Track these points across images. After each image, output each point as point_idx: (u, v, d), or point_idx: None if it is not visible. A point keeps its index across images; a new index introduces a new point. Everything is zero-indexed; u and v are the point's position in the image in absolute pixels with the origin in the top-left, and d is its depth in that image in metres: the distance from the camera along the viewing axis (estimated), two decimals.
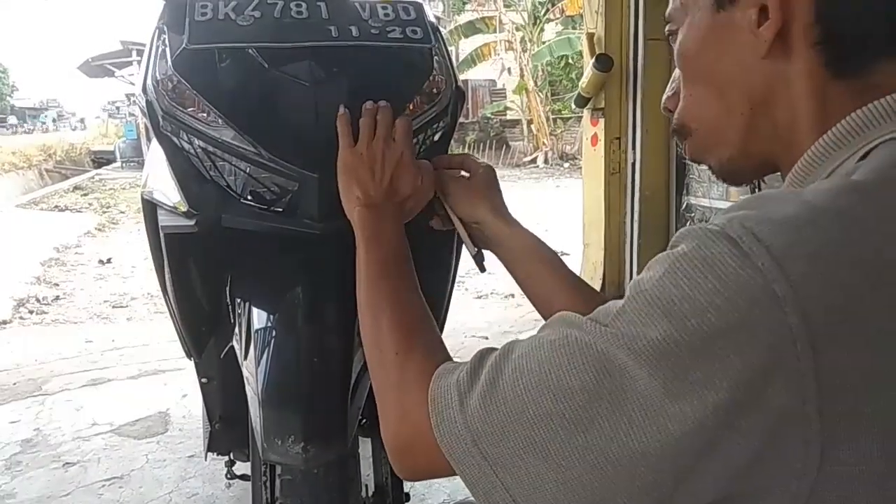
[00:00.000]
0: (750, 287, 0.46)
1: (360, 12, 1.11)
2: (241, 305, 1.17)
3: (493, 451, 0.55)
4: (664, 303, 0.48)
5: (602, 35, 3.81)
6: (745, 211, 0.50)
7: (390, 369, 0.71)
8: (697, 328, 0.47)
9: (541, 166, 15.56)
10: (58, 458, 2.60)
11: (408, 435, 0.65)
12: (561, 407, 0.51)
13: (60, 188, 13.57)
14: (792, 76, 0.57)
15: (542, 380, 0.53)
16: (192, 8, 1.05)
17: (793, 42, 0.56)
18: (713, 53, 0.62)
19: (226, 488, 2.28)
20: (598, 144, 4.01)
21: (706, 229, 0.50)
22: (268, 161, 1.02)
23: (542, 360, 0.54)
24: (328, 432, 1.06)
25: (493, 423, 0.55)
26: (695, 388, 0.47)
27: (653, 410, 0.48)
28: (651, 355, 0.48)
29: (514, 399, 0.54)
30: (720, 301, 0.46)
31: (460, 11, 18.19)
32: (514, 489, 0.54)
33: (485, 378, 0.57)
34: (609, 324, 0.51)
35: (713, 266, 0.47)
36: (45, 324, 4.87)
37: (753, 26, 0.57)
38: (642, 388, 0.48)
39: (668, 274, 0.50)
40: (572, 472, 0.51)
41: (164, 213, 1.12)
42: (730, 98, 0.62)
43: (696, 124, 0.66)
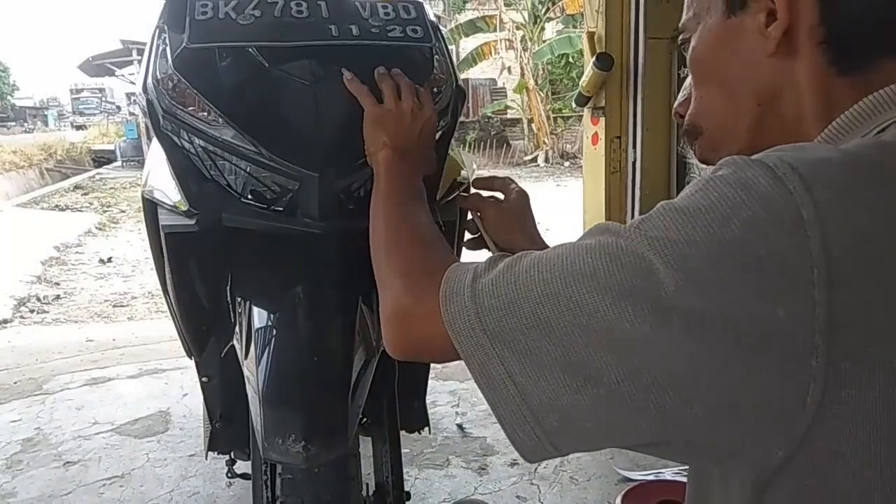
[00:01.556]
0: (777, 205, 0.47)
1: (361, 11, 1.11)
2: (241, 304, 1.18)
3: (494, 325, 0.56)
4: (690, 210, 0.50)
5: (603, 34, 3.81)
6: (783, 151, 0.52)
7: (402, 257, 0.74)
8: (718, 234, 0.48)
9: (541, 165, 15.55)
10: (58, 457, 2.60)
11: (411, 303, 0.67)
12: (570, 289, 0.52)
13: (61, 187, 13.57)
14: (798, 74, 0.60)
15: (557, 265, 0.54)
16: (192, 7, 1.05)
17: (799, 42, 0.59)
18: (724, 55, 0.65)
19: (226, 487, 2.28)
20: (598, 143, 4.00)
21: (745, 158, 0.52)
22: (268, 160, 1.02)
23: (560, 253, 0.56)
24: (329, 431, 1.06)
25: (499, 299, 0.56)
26: (707, 292, 0.47)
27: (661, 303, 0.48)
28: (669, 252, 0.49)
29: (524, 279, 0.56)
30: (746, 213, 0.48)
31: (461, 10, 18.18)
32: (509, 362, 0.55)
33: (502, 265, 0.59)
34: (635, 227, 0.53)
35: (745, 184, 0.49)
36: (46, 323, 4.87)
37: (762, 28, 0.60)
38: (655, 279, 0.49)
39: (700, 190, 0.51)
40: (571, 350, 0.52)
41: (165, 213, 1.12)
42: (739, 97, 0.64)
43: (707, 124, 0.69)
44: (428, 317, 0.62)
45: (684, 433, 0.52)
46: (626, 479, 2.28)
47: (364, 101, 0.99)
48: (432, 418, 1.60)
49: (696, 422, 0.50)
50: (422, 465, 2.45)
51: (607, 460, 2.41)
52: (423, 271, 0.69)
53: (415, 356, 0.69)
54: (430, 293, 0.62)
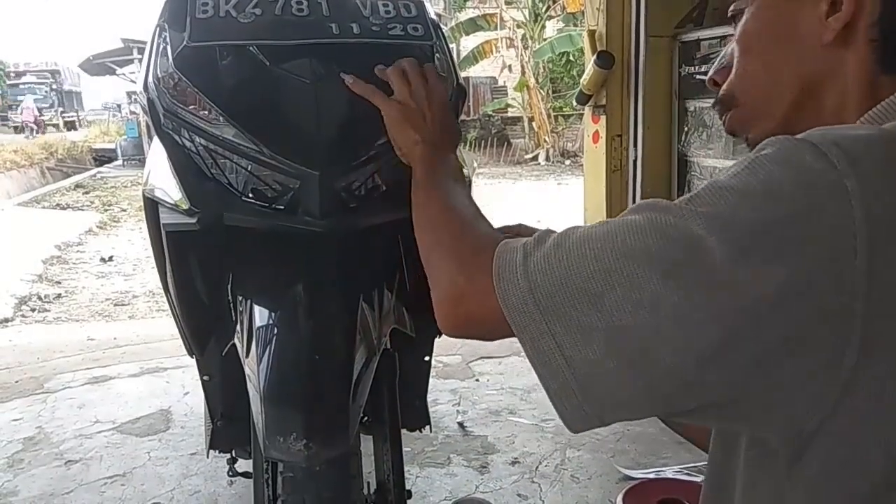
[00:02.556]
0: (823, 179, 0.50)
1: (362, 9, 1.11)
2: (242, 303, 1.18)
3: (547, 300, 0.57)
4: (740, 188, 0.52)
5: (603, 32, 3.81)
6: (825, 130, 0.54)
7: (451, 238, 0.76)
8: (768, 210, 0.50)
9: (542, 164, 15.54)
10: (60, 455, 2.60)
11: (464, 282, 0.68)
12: (620, 264, 0.54)
13: (62, 186, 13.57)
14: (846, 66, 0.62)
15: (607, 241, 0.56)
16: (193, 5, 1.05)
17: (855, 36, 0.61)
18: (777, 33, 0.66)
19: (228, 486, 2.28)
20: (599, 142, 4.00)
21: (789, 137, 0.54)
22: (269, 159, 1.02)
23: (609, 229, 0.57)
24: (330, 430, 1.06)
25: (551, 275, 0.57)
26: (756, 265, 0.50)
27: (713, 277, 0.50)
28: (720, 227, 0.51)
29: (577, 255, 0.57)
30: (792, 189, 0.50)
31: (461, 8, 18.16)
32: (561, 337, 0.56)
33: (552, 241, 0.60)
34: (685, 203, 0.54)
35: (791, 161, 0.52)
36: (47, 322, 4.88)
37: (822, 16, 0.62)
38: (705, 254, 0.51)
39: (747, 168, 0.53)
40: (622, 324, 0.53)
41: (166, 211, 1.12)
42: (784, 77, 0.66)
43: (745, 98, 0.70)
44: (482, 294, 0.63)
45: (721, 395, 0.54)
46: (627, 478, 2.28)
47: (378, 102, 0.98)
48: (433, 417, 1.60)
49: (734, 383, 0.53)
50: (423, 463, 2.45)
51: (608, 458, 2.41)
52: (473, 251, 0.69)
53: (469, 334, 0.71)
54: (482, 271, 0.63)
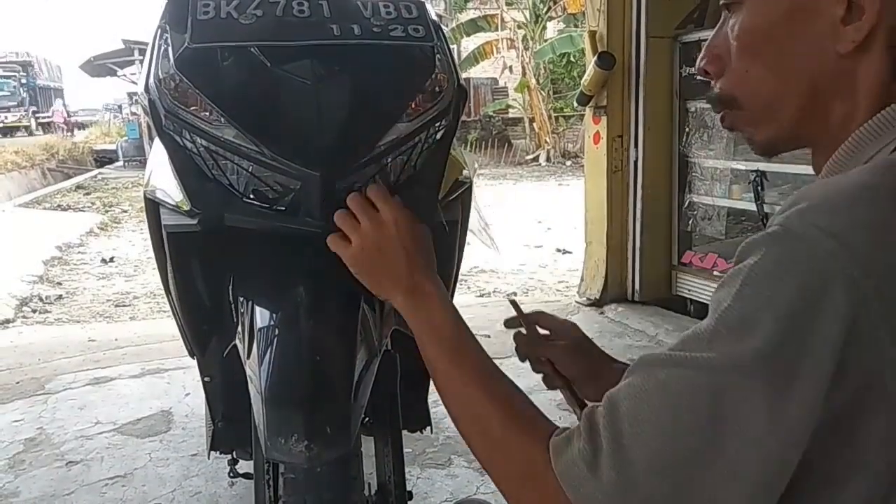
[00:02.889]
0: (824, 275, 0.50)
1: (363, 11, 1.11)
2: (243, 304, 1.18)
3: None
4: (752, 312, 0.53)
5: (604, 33, 3.81)
6: (801, 204, 0.54)
7: (505, 457, 0.73)
8: (790, 325, 0.51)
9: (543, 164, 15.53)
10: (61, 456, 2.60)
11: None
12: (687, 446, 0.54)
13: (63, 187, 13.58)
14: (861, 73, 0.59)
15: (665, 427, 0.55)
16: (194, 7, 1.05)
17: (873, 43, 0.58)
18: (786, 36, 0.62)
19: (229, 487, 2.28)
20: (600, 142, 4.01)
21: (769, 234, 0.54)
22: (270, 160, 1.02)
23: (655, 409, 0.56)
24: (331, 431, 1.06)
25: (629, 485, 0.56)
26: (802, 378, 0.51)
27: (773, 415, 0.52)
28: (757, 363, 0.52)
29: (642, 456, 0.56)
30: (802, 294, 0.51)
31: (462, 9, 18.16)
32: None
33: (606, 440, 0.58)
34: (706, 350, 0.54)
35: (786, 266, 0.52)
36: (48, 323, 4.88)
37: (836, 21, 0.58)
38: (756, 397, 0.52)
39: (747, 285, 0.53)
40: (716, 497, 0.54)
41: (167, 212, 1.12)
42: (793, 83, 0.62)
43: (750, 101, 0.66)
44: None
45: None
46: None
47: (338, 251, 0.94)
48: (434, 418, 1.60)
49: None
50: (424, 464, 2.45)
51: None
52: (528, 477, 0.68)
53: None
54: (555, 494, 0.61)
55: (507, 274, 5.63)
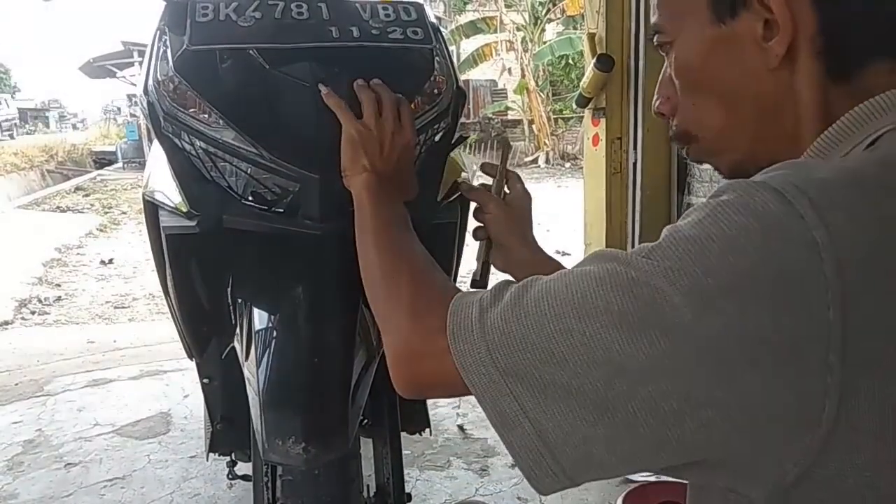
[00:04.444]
0: (790, 231, 0.48)
1: (361, 13, 1.11)
2: (242, 306, 1.18)
3: (506, 360, 0.55)
4: (703, 239, 0.50)
5: (603, 35, 3.81)
6: (785, 171, 0.52)
7: (403, 290, 0.72)
8: (734, 262, 0.48)
9: (542, 166, 15.54)
10: (59, 458, 2.60)
11: (418, 341, 0.65)
12: (583, 324, 0.52)
13: (62, 189, 13.56)
14: (797, 84, 0.60)
15: (568, 298, 0.54)
16: (193, 9, 1.05)
17: (798, 53, 0.59)
18: (717, 66, 0.63)
19: (227, 489, 2.28)
20: (599, 144, 4.00)
21: (749, 182, 0.52)
22: (269, 162, 1.02)
23: (569, 283, 0.55)
24: (329, 433, 1.06)
25: (510, 335, 0.55)
26: (724, 319, 0.48)
27: (677, 334, 0.49)
28: (685, 282, 0.49)
29: (536, 314, 0.55)
30: (759, 241, 0.48)
31: (461, 11, 18.17)
32: (523, 398, 0.54)
33: (508, 296, 0.58)
34: (644, 256, 0.52)
35: (755, 211, 0.49)
36: (47, 324, 4.87)
37: (759, 39, 0.59)
38: (670, 310, 0.49)
39: (709, 217, 0.51)
40: (586, 384, 0.52)
41: (166, 214, 1.12)
42: (737, 107, 0.63)
43: (703, 132, 0.67)
44: (438, 355, 0.60)
45: (700, 454, 0.52)
46: (627, 480, 2.27)
47: (342, 117, 0.95)
48: (433, 420, 1.60)
49: (712, 443, 0.51)
50: (423, 466, 2.45)
51: None
52: (426, 306, 0.67)
53: (425, 394, 0.69)
54: (437, 330, 0.61)
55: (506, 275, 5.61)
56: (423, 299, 0.69)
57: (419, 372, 0.65)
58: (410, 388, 0.68)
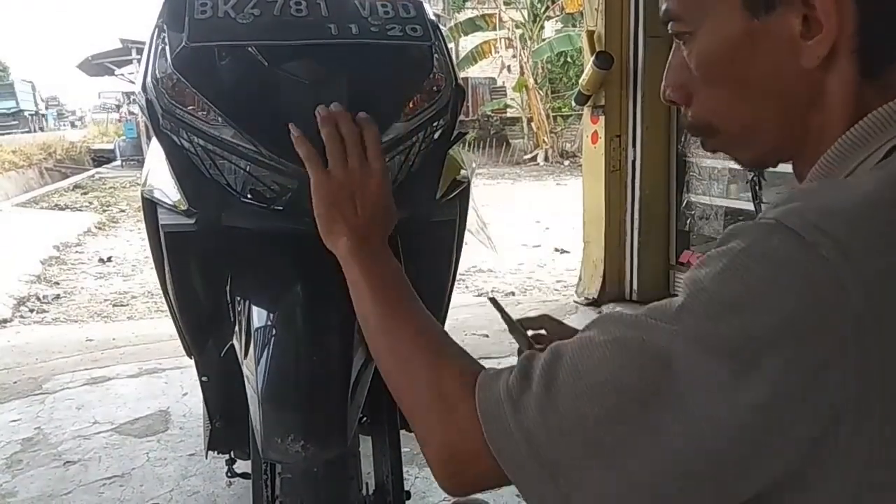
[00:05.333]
0: (817, 278, 0.47)
1: (360, 10, 1.10)
2: (240, 304, 1.17)
3: (550, 455, 0.54)
4: (730, 298, 0.49)
5: (602, 32, 3.81)
6: (799, 203, 0.51)
7: (425, 386, 0.69)
8: (768, 322, 0.48)
9: (541, 164, 15.53)
10: (58, 456, 2.60)
11: (455, 446, 0.63)
12: (624, 407, 0.51)
13: (60, 187, 13.55)
14: (829, 82, 0.58)
15: (603, 380, 0.52)
16: (191, 6, 1.04)
17: (837, 52, 0.57)
18: (746, 60, 0.61)
19: (226, 486, 2.28)
20: (598, 142, 4.00)
21: (761, 224, 0.51)
22: (267, 159, 1.02)
23: (599, 362, 0.53)
24: (328, 431, 1.06)
25: (550, 428, 0.54)
26: (765, 379, 0.47)
27: (721, 403, 0.48)
28: (722, 349, 0.48)
29: (572, 402, 0.53)
30: (789, 294, 0.48)
31: (460, 9, 18.15)
32: (572, 493, 0.53)
33: (538, 382, 0.56)
34: (671, 321, 0.51)
35: (777, 261, 0.48)
36: (46, 322, 4.87)
37: (796, 37, 0.57)
38: (711, 381, 0.48)
39: (729, 269, 0.50)
40: (637, 471, 0.51)
41: (165, 212, 1.12)
42: (765, 103, 0.62)
43: (726, 126, 0.66)
44: (478, 455, 0.59)
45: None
46: None
47: (310, 168, 0.90)
48: None
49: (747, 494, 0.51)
50: (422, 463, 2.45)
51: None
52: (452, 395, 0.64)
53: (471, 490, 0.67)
54: (472, 430, 0.59)
55: (505, 273, 5.63)
56: (447, 386, 0.66)
57: (465, 474, 0.64)
58: (457, 489, 0.66)
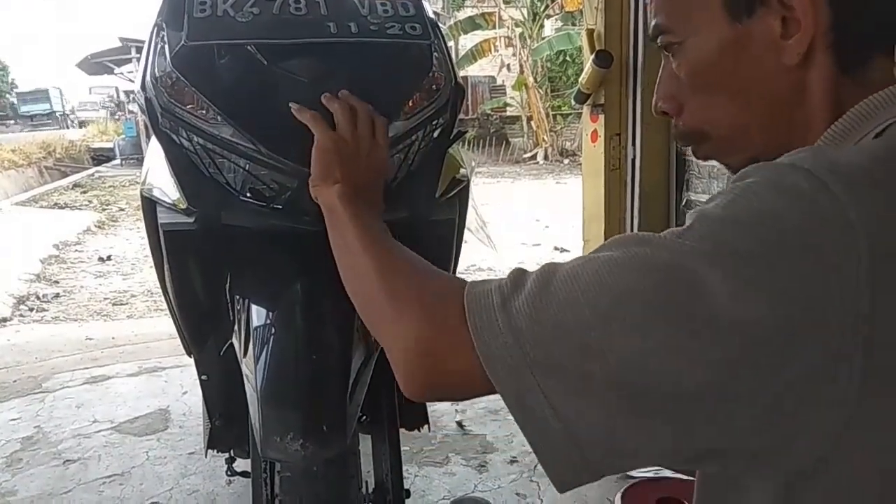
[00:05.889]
0: (825, 209, 0.48)
1: (360, 8, 1.10)
2: (240, 302, 1.18)
3: (537, 352, 0.52)
4: (738, 219, 0.50)
5: (602, 31, 3.80)
6: (808, 154, 0.52)
7: (405, 285, 0.66)
8: (772, 241, 0.48)
9: (541, 162, 15.53)
10: (58, 455, 2.60)
11: (435, 335, 0.59)
12: (620, 311, 0.50)
13: (60, 185, 13.56)
14: (810, 78, 0.61)
15: (599, 282, 0.51)
16: (190, 4, 1.04)
17: (814, 49, 0.59)
18: (733, 64, 0.63)
19: (226, 485, 2.28)
20: (597, 141, 4.00)
21: (776, 163, 0.52)
22: (267, 158, 1.02)
23: (599, 269, 0.52)
24: (327, 429, 1.06)
25: (541, 324, 0.52)
26: (763, 298, 0.47)
27: (718, 316, 0.48)
28: (724, 263, 0.48)
29: (567, 300, 0.52)
30: (797, 219, 0.48)
31: (460, 7, 18.14)
32: (553, 392, 0.51)
33: (532, 283, 0.55)
34: (677, 237, 0.51)
35: (787, 190, 0.49)
36: (46, 321, 4.87)
37: (776, 37, 0.60)
38: (708, 294, 0.48)
39: (740, 197, 0.51)
40: (623, 374, 0.50)
41: (164, 211, 1.12)
42: (752, 104, 0.64)
43: (717, 130, 0.67)
44: (457, 349, 0.56)
45: (727, 442, 0.51)
46: (626, 476, 2.28)
47: (316, 128, 0.93)
48: (432, 416, 1.60)
49: (744, 429, 0.50)
50: (421, 462, 2.45)
51: None
52: (437, 297, 0.61)
53: (440, 394, 0.63)
54: (454, 321, 0.56)
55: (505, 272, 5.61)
56: (432, 291, 0.63)
57: (438, 370, 0.59)
58: (425, 389, 0.62)
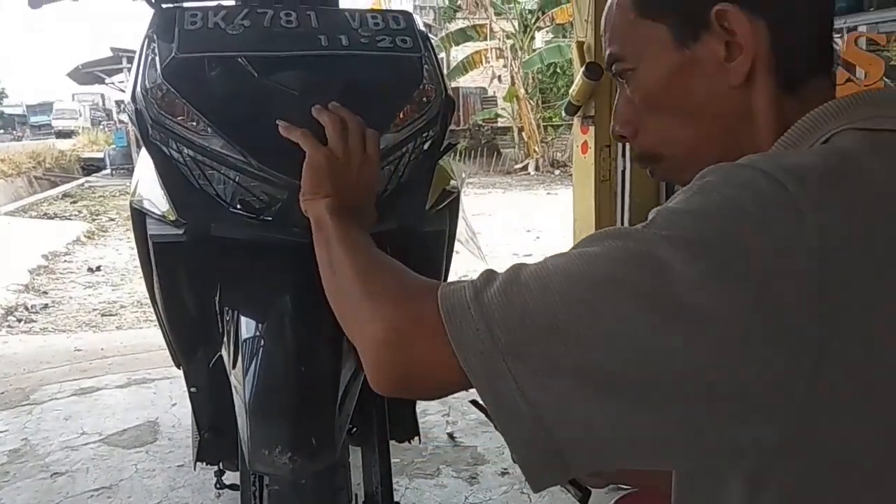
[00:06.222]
0: (778, 201, 0.51)
1: (350, 21, 1.11)
2: (229, 314, 1.17)
3: (507, 336, 0.53)
4: (699, 211, 0.53)
5: (592, 43, 3.83)
6: (761, 157, 0.56)
7: (384, 282, 0.68)
8: (731, 230, 0.51)
9: (532, 173, 15.58)
10: (46, 467, 2.57)
11: (407, 324, 0.59)
12: (588, 295, 0.52)
13: (50, 195, 13.50)
14: (754, 98, 0.65)
15: (568, 272, 0.53)
16: (181, 17, 1.05)
17: (756, 70, 0.64)
18: (683, 87, 0.67)
19: (215, 498, 2.27)
20: (588, 152, 4.02)
21: (732, 164, 0.55)
22: (257, 170, 1.02)
23: (569, 260, 0.55)
24: (316, 442, 1.06)
25: (510, 309, 0.53)
26: (725, 285, 0.49)
27: (681, 304, 0.50)
28: (686, 250, 0.51)
29: (536, 288, 0.53)
30: (752, 209, 0.51)
31: (451, 19, 18.23)
32: (522, 377, 0.52)
33: (503, 276, 0.57)
34: (638, 229, 0.54)
35: (745, 185, 0.52)
36: (34, 332, 4.83)
37: (721, 60, 0.64)
38: (674, 280, 0.50)
39: (699, 193, 0.54)
40: (591, 358, 0.51)
41: (153, 222, 1.12)
42: (703, 124, 0.68)
43: (670, 151, 0.71)
44: (429, 337, 0.56)
45: (698, 432, 0.52)
46: (618, 488, 2.28)
47: (306, 145, 0.93)
48: (423, 427, 1.60)
49: (712, 417, 0.51)
50: (412, 474, 2.44)
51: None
52: (412, 293, 0.62)
53: (409, 387, 0.61)
54: (428, 311, 0.57)
55: None
56: (407, 289, 0.64)
57: (407, 359, 0.59)
58: (394, 380, 0.61)
